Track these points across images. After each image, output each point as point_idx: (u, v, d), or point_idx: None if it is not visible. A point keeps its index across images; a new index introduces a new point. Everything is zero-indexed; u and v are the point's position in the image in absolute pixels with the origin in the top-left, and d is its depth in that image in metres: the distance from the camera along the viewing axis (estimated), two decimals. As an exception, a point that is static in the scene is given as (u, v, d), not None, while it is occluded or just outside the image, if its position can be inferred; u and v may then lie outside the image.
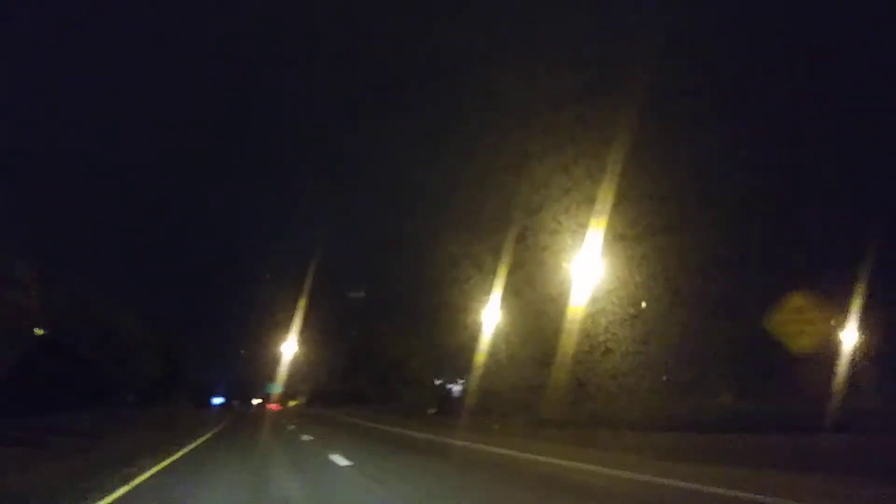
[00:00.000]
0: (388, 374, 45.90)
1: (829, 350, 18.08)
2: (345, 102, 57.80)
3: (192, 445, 16.77)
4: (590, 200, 19.02)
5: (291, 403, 75.80)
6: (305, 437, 19.61)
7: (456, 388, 25.95)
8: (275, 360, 61.05)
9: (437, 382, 38.97)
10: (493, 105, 26.31)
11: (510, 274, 23.06)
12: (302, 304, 47.65)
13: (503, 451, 13.62)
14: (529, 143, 21.06)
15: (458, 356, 31.01)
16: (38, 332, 26.94)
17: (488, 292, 24.16)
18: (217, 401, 74.86)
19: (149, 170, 68.22)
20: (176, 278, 68.07)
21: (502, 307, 24.64)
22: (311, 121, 61.01)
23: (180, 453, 14.71)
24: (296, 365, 61.97)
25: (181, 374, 52.96)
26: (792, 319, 17.38)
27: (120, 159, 58.75)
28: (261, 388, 76.56)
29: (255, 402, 79.77)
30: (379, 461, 12.39)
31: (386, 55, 41.98)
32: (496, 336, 25.07)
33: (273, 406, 69.08)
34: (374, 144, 53.65)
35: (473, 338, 25.56)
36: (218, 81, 62.79)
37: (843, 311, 18.00)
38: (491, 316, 24.71)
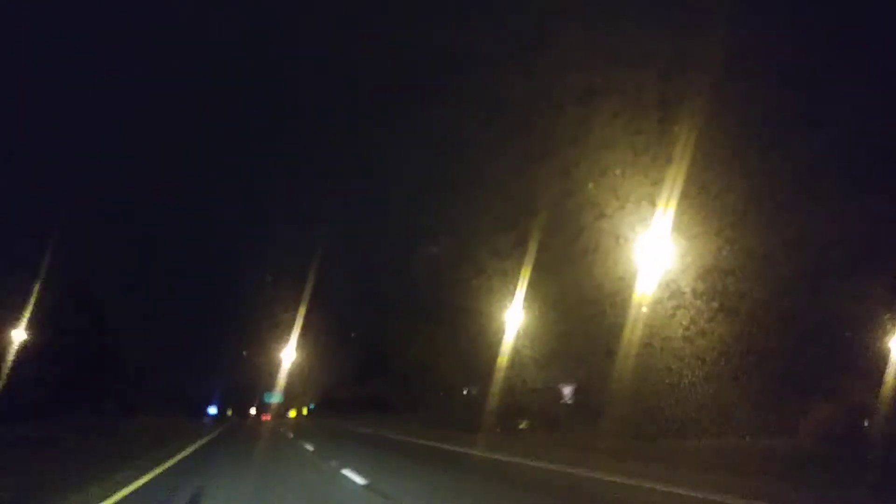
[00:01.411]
0: (411, 378, 39.93)
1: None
2: (349, 101, 56.17)
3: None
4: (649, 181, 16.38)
5: (292, 414, 69.96)
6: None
7: (566, 391, 19.31)
8: (275, 366, 56.36)
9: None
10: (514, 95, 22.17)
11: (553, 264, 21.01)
12: (304, 305, 43.99)
13: None
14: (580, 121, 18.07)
15: (481, 358, 27.98)
16: None
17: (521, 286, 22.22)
18: (212, 411, 68.63)
19: (149, 172, 66.27)
20: (173, 279, 65.77)
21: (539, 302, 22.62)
22: (314, 120, 59.40)
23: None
24: (299, 371, 57.19)
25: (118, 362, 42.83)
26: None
27: (118, 159, 58.39)
28: (260, 397, 70.47)
29: (252, 412, 73.72)
30: None
31: (391, 53, 39.71)
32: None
33: (265, 417, 64.38)
34: (378, 142, 51.08)
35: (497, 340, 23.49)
36: (220, 83, 60.66)
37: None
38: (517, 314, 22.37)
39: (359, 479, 10.04)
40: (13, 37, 38.04)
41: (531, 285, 22.93)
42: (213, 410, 68.24)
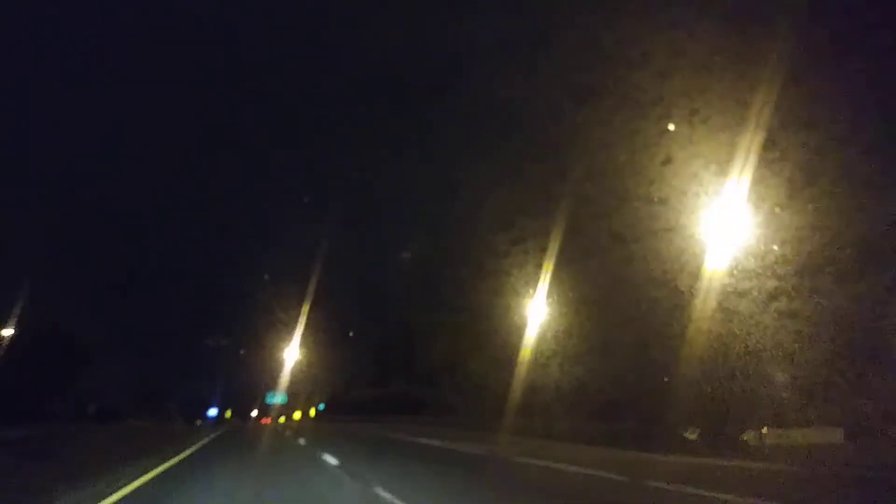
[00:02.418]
0: (439, 377, 35.28)
1: None
2: (351, 98, 54.16)
3: None
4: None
5: (296, 416, 65.66)
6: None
7: (781, 378, 14.09)
8: (278, 365, 52.38)
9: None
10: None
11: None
12: (308, 301, 40.13)
13: None
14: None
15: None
16: None
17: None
18: (212, 412, 64.89)
19: (148, 172, 65.57)
20: (169, 279, 64.53)
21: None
22: (315, 118, 58.41)
23: None
24: (305, 369, 53.04)
25: None
26: None
27: (118, 159, 58.81)
28: (262, 398, 66.02)
29: (254, 414, 69.73)
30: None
31: (392, 52, 38.40)
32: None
33: (264, 420, 61.50)
34: (381, 139, 49.53)
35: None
36: (220, 83, 60.17)
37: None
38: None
39: None
40: (13, 37, 38.90)
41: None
42: (212, 412, 64.78)
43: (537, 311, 24.16)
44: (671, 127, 14.90)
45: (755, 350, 14.37)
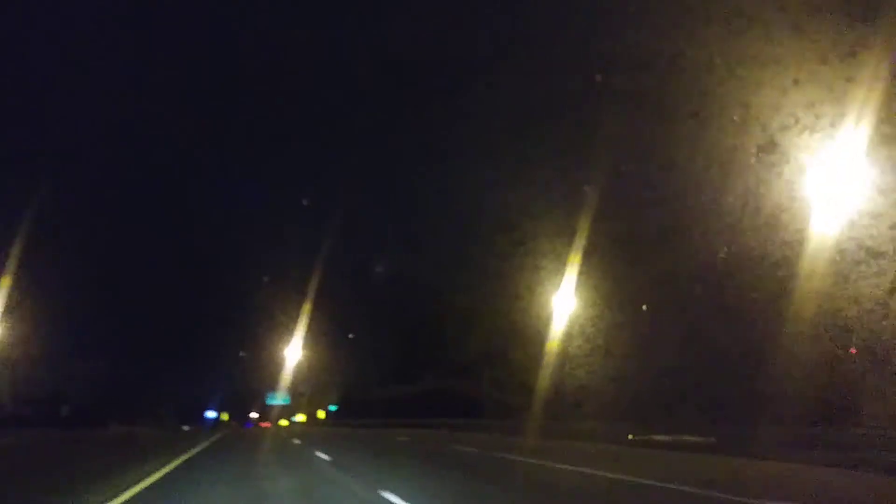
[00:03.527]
0: (479, 370, 30.24)
1: None
2: (352, 99, 53.93)
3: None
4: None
5: (301, 418, 61.44)
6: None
7: None
8: (280, 363, 48.94)
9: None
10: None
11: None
12: (311, 296, 38.39)
13: None
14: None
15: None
16: None
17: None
18: (210, 415, 60.90)
19: (148, 171, 65.36)
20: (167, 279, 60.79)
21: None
22: (315, 118, 56.29)
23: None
24: (312, 367, 48.75)
25: None
26: None
27: (118, 159, 58.17)
28: (263, 399, 61.58)
29: (254, 415, 65.88)
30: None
31: (399, 53, 36.49)
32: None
33: (264, 424, 58.61)
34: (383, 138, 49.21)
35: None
36: (220, 83, 57.93)
37: None
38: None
39: None
40: (13, 37, 39.13)
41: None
42: (211, 414, 60.97)
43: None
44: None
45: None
